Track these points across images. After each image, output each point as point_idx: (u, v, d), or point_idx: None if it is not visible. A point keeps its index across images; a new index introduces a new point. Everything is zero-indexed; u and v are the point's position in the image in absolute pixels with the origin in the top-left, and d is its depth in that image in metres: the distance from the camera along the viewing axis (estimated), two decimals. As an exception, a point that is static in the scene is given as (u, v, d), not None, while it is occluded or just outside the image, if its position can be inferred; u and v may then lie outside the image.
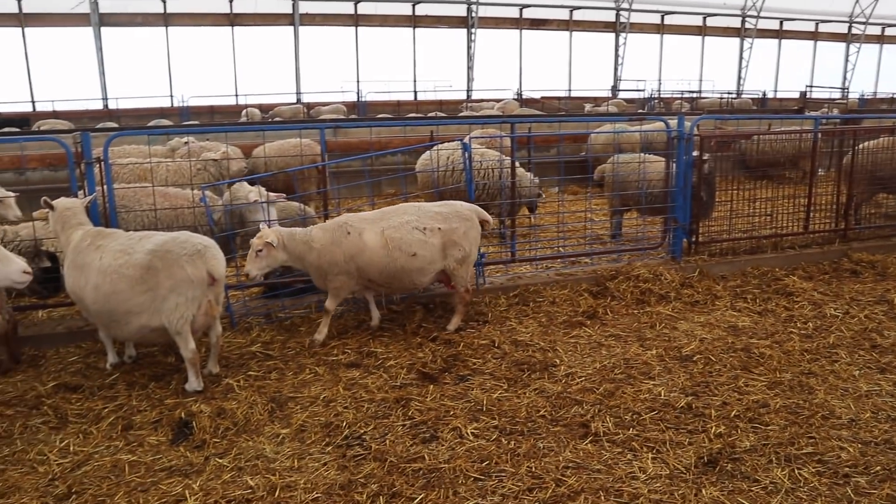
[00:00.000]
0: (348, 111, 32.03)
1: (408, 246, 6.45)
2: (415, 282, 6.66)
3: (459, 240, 6.65)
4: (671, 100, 35.43)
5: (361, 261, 6.40)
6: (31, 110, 31.55)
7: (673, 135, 8.58)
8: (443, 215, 6.70)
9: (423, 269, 6.57)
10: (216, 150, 10.71)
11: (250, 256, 6.30)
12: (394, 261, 6.43)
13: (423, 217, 6.62)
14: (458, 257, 6.67)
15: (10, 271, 4.59)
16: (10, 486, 4.39)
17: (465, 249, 6.69)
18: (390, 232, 6.48)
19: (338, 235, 6.42)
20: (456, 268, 6.70)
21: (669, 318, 7.15)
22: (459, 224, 6.69)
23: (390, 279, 6.53)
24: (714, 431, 4.82)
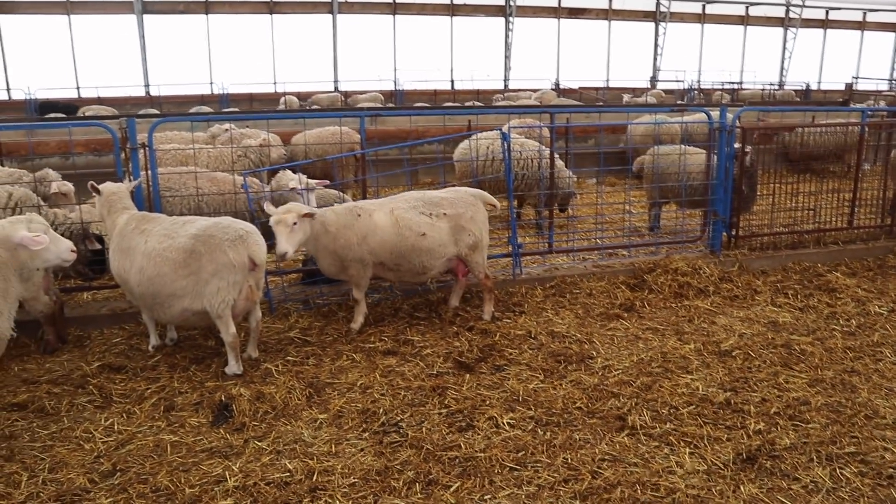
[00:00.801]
0: (385, 100, 32.06)
1: (417, 226, 6.52)
2: (424, 264, 6.64)
3: (467, 224, 6.70)
4: (711, 91, 34.81)
5: (374, 241, 6.44)
6: (76, 96, 32.15)
7: (715, 126, 8.45)
8: (448, 200, 6.76)
9: (432, 251, 6.59)
10: (256, 137, 10.85)
11: (283, 234, 6.02)
12: (404, 239, 6.48)
13: (429, 203, 6.70)
14: (470, 243, 6.71)
15: (61, 250, 4.73)
16: (58, 461, 4.52)
17: (474, 234, 6.74)
18: (400, 212, 6.55)
19: (349, 219, 6.46)
20: (469, 254, 6.75)
21: (708, 312, 7.06)
22: (465, 209, 6.74)
23: (401, 259, 6.55)
24: (753, 428, 4.76)
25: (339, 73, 38.43)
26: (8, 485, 4.26)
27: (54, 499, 4.12)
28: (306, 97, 31.50)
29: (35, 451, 4.65)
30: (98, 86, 32.01)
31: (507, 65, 40.52)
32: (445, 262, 6.78)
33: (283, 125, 14.21)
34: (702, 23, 43.35)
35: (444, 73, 39.73)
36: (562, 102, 24.84)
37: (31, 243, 4.43)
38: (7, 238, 4.46)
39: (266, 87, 36.12)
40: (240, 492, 4.13)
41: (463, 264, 6.89)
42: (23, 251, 4.48)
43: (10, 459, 4.56)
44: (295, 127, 14.17)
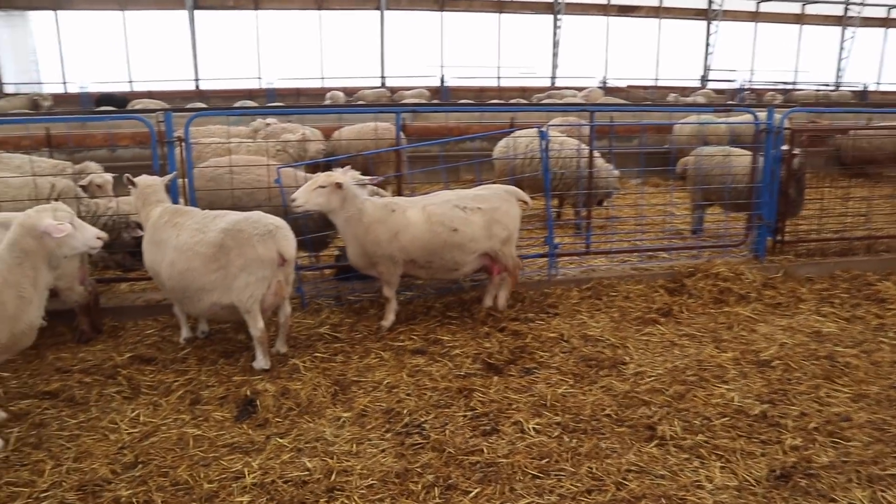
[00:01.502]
0: (431, 96, 32.03)
1: (449, 221, 6.44)
2: (456, 260, 6.56)
3: (501, 217, 6.64)
4: (763, 91, 33.91)
5: (405, 238, 6.36)
6: (128, 90, 32.90)
7: (761, 128, 8.17)
8: (482, 197, 6.72)
9: (464, 247, 6.51)
10: (296, 132, 10.89)
11: (307, 187, 6.22)
12: (436, 235, 6.40)
13: (463, 198, 6.66)
14: (503, 237, 6.65)
15: (87, 238, 4.76)
16: (83, 451, 4.56)
17: (508, 228, 6.68)
18: (432, 209, 6.47)
19: (384, 213, 6.39)
20: (501, 248, 6.69)
21: (748, 319, 6.82)
22: (499, 203, 6.69)
23: (432, 256, 6.47)
24: (789, 443, 4.55)
25: (385, 69, 38.54)
26: (33, 472, 4.31)
27: (76, 488, 4.14)
28: (353, 92, 31.65)
29: (62, 440, 4.70)
30: (149, 80, 32.69)
31: (554, 62, 40.11)
32: (477, 259, 6.68)
33: (326, 120, 14.28)
34: (755, 21, 42.24)
35: (490, 71, 39.53)
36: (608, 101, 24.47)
37: (54, 231, 4.46)
38: (33, 226, 4.50)
39: (313, 82, 36.41)
40: (257, 489, 4.11)
41: (495, 262, 6.76)
42: (49, 239, 4.53)
43: (38, 447, 4.62)
44: (338, 122, 14.23)
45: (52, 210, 4.67)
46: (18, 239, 4.57)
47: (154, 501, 4.01)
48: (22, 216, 4.69)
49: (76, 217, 4.77)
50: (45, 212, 4.64)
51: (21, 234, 4.58)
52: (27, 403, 5.21)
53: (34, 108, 23.97)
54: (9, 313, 4.49)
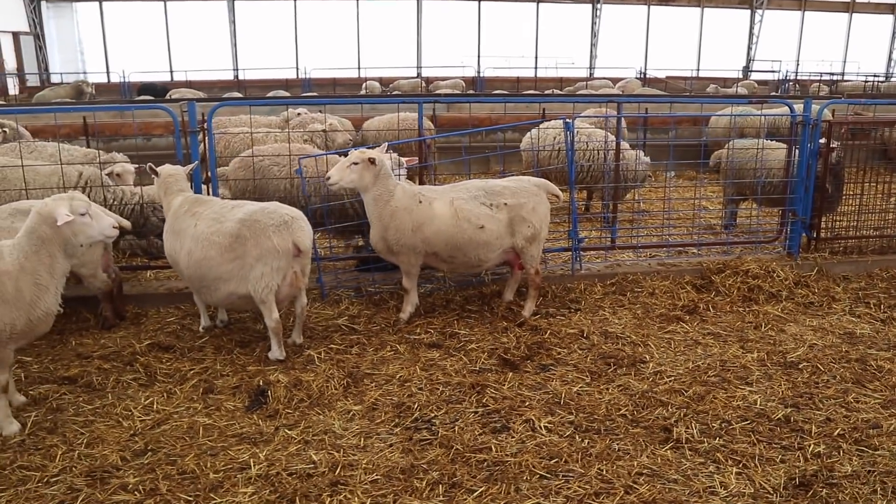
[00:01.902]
0: (466, 86, 31.86)
1: (476, 218, 6.27)
2: (480, 257, 6.41)
3: (528, 215, 6.41)
4: (808, 82, 32.93)
5: (430, 230, 6.23)
6: (169, 80, 33.40)
7: (798, 120, 7.89)
8: (510, 190, 6.48)
9: (489, 244, 6.35)
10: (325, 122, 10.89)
11: (341, 165, 6.17)
12: (462, 231, 6.24)
13: (491, 192, 6.43)
14: (528, 234, 6.43)
15: (103, 227, 4.79)
16: (95, 437, 4.60)
17: (534, 226, 6.46)
18: (460, 203, 6.30)
19: (411, 202, 6.27)
20: (525, 246, 6.48)
21: (777, 319, 6.60)
22: (527, 199, 6.45)
23: (455, 251, 6.33)
24: (812, 450, 4.38)
25: (422, 59, 38.47)
26: (45, 457, 4.36)
27: (85, 474, 4.18)
28: (389, 82, 31.66)
29: (76, 426, 4.75)
30: (190, 69, 33.12)
31: (592, 53, 39.58)
32: (501, 254, 6.55)
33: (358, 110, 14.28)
34: (802, 10, 41.05)
35: (528, 61, 39.18)
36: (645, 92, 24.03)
37: (62, 218, 4.50)
38: (49, 214, 4.54)
39: (350, 72, 36.49)
40: (261, 480, 4.09)
41: (519, 257, 6.64)
42: (66, 228, 4.56)
43: (53, 432, 4.68)
44: (370, 112, 14.22)
45: (68, 199, 4.70)
46: (35, 227, 4.62)
47: (159, 489, 4.02)
48: (39, 204, 4.73)
49: (93, 206, 4.79)
50: (61, 201, 4.67)
51: (38, 222, 4.62)
52: (46, 388, 5.28)
53: (78, 96, 24.46)
54: (26, 300, 4.53)
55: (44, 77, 33.76)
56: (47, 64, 34.71)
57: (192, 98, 21.16)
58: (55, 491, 4.03)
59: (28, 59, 33.79)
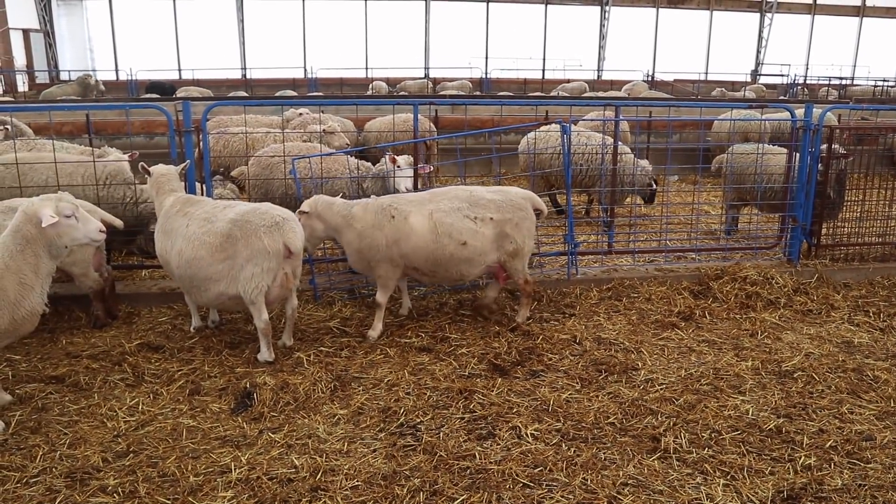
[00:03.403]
0: (473, 87, 31.81)
1: (458, 233, 6.00)
2: (462, 273, 6.20)
3: (512, 231, 6.16)
4: (817, 86, 32.72)
5: (406, 247, 6.01)
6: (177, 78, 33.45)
7: (798, 125, 7.80)
8: (496, 204, 6.17)
9: (472, 260, 6.12)
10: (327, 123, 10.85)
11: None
12: (442, 248, 5.99)
13: (475, 204, 6.12)
14: (510, 250, 6.20)
15: (89, 230, 4.76)
16: (78, 437, 4.57)
17: (517, 242, 6.20)
18: (440, 216, 6.02)
19: (381, 218, 6.03)
20: (508, 260, 6.25)
21: (774, 326, 6.52)
22: (513, 214, 6.18)
23: (436, 267, 6.10)
24: (802, 462, 4.30)
25: (430, 59, 38.44)
26: (25, 457, 4.34)
27: (65, 475, 4.15)
28: (396, 83, 31.65)
29: (60, 426, 4.72)
30: (198, 67, 33.18)
31: (600, 55, 39.46)
32: (485, 269, 6.31)
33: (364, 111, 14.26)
34: (812, 13, 40.81)
35: (535, 63, 39.10)
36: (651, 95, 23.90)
37: (46, 220, 4.48)
38: (35, 214, 4.52)
39: (357, 72, 36.52)
40: (241, 484, 4.05)
41: (504, 270, 6.41)
42: (50, 229, 4.54)
43: (36, 431, 4.65)
44: (373, 113, 14.18)
45: (55, 200, 4.67)
46: (20, 226, 4.60)
47: (138, 492, 3.98)
48: (26, 203, 4.71)
49: (81, 209, 4.76)
50: (48, 201, 4.65)
51: (23, 222, 4.60)
52: (33, 387, 5.25)
53: (85, 92, 24.51)
54: (10, 299, 4.51)
55: (53, 74, 33.90)
56: (57, 61, 34.85)
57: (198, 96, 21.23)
58: (33, 492, 3.99)
59: (38, 56, 33.93)
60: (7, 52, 30.80)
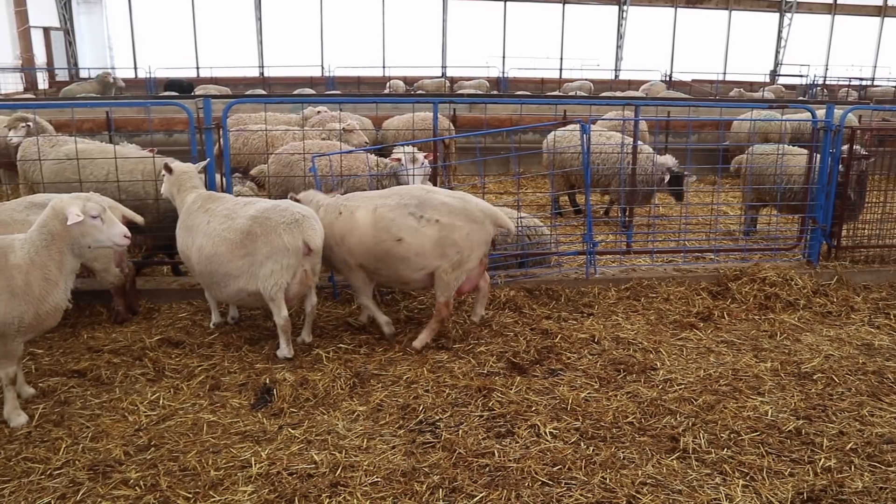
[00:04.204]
0: (491, 87, 31.77)
1: (397, 229, 5.71)
2: (401, 274, 5.85)
3: (460, 240, 5.71)
4: (837, 87, 32.40)
5: (352, 241, 5.87)
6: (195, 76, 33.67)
7: (819, 126, 7.74)
8: (448, 208, 5.75)
9: (408, 260, 5.75)
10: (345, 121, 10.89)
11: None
12: (380, 242, 5.76)
13: (425, 204, 5.77)
14: (454, 259, 5.73)
15: (113, 234, 4.78)
16: (101, 431, 4.63)
17: (462, 253, 5.74)
18: (383, 211, 5.78)
19: (331, 216, 5.96)
20: (446, 271, 5.75)
21: (794, 328, 6.48)
22: (464, 223, 5.72)
23: (378, 264, 5.86)
24: (822, 464, 4.28)
25: (447, 59, 38.45)
26: (49, 449, 4.39)
27: (88, 468, 4.20)
28: (413, 82, 31.68)
29: (83, 419, 4.78)
30: (216, 66, 33.39)
31: (618, 55, 39.28)
32: (426, 276, 5.86)
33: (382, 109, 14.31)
34: (832, 13, 40.41)
35: (553, 62, 39.00)
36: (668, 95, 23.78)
37: (72, 218, 4.53)
38: (62, 211, 4.57)
39: (375, 70, 36.57)
40: (262, 479, 4.08)
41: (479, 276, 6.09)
42: (75, 227, 4.59)
43: (59, 424, 4.71)
44: (391, 111, 14.23)
45: (84, 200, 4.72)
46: (47, 221, 4.65)
47: (160, 485, 4.03)
48: (55, 200, 4.77)
49: (108, 211, 4.81)
50: (77, 200, 4.70)
51: (50, 217, 4.65)
52: (55, 381, 5.32)
53: (104, 89, 24.73)
54: (34, 294, 4.57)
55: (73, 72, 34.22)
56: (76, 59, 35.19)
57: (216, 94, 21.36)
58: (57, 484, 4.05)
59: (58, 55, 34.27)
60: (28, 50, 31.12)
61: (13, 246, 4.60)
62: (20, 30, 30.55)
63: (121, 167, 7.17)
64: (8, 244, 4.61)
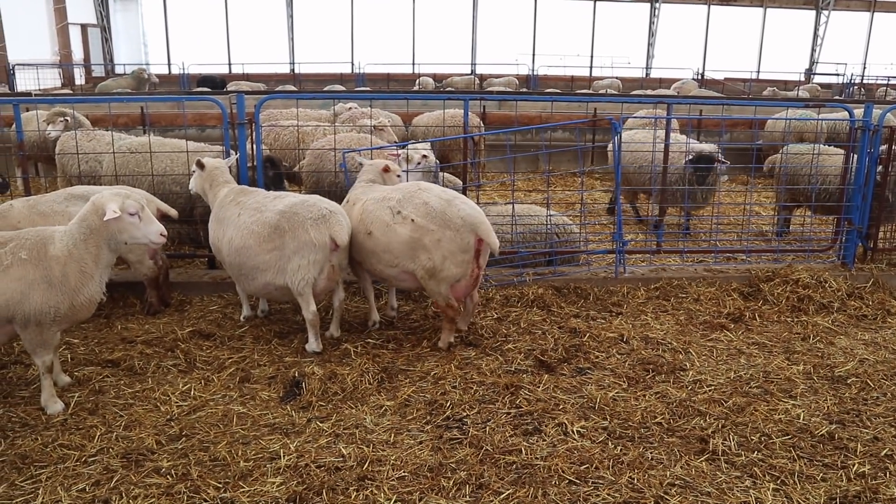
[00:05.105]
0: (520, 84, 31.68)
1: (369, 222, 5.74)
2: (374, 267, 5.86)
3: (430, 244, 5.52)
4: (875, 86, 31.75)
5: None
6: (227, 72, 34.04)
7: (857, 125, 7.60)
8: (427, 208, 5.57)
9: (377, 255, 5.74)
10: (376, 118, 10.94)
11: None
12: (356, 234, 5.82)
13: (408, 200, 5.67)
14: (426, 266, 5.57)
15: (149, 231, 4.84)
16: (133, 420, 4.71)
17: (433, 260, 5.55)
18: (368, 203, 5.84)
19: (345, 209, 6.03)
20: (424, 277, 5.63)
21: (827, 331, 6.37)
22: (438, 228, 5.51)
23: (358, 256, 5.94)
24: (856, 470, 4.20)
25: (476, 56, 38.42)
26: (84, 437, 4.48)
27: (121, 455, 4.27)
28: (442, 79, 31.70)
29: (116, 408, 4.86)
30: (247, 62, 33.73)
31: (649, 52, 38.92)
32: (399, 273, 5.78)
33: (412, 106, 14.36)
34: (871, 11, 39.58)
35: (583, 60, 38.75)
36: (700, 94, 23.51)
37: (109, 214, 4.60)
38: (101, 206, 4.66)
39: (404, 67, 36.67)
40: (290, 471, 4.12)
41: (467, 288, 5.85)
42: (112, 223, 4.66)
43: (94, 413, 4.80)
44: (421, 108, 14.27)
45: (123, 196, 4.80)
46: (87, 215, 4.75)
47: (191, 475, 4.08)
48: (96, 195, 4.86)
49: (146, 209, 4.88)
50: (116, 196, 4.78)
51: (90, 212, 4.74)
52: (90, 370, 5.42)
53: (139, 85, 25.11)
54: (71, 285, 4.66)
55: (108, 67, 34.82)
56: (112, 55, 35.81)
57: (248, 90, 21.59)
58: (92, 470, 4.13)
59: (95, 51, 34.93)
60: (66, 46, 31.73)
61: (53, 238, 4.70)
62: (59, 26, 31.15)
63: (178, 160, 7.42)
64: (48, 236, 4.72)
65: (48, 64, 29.72)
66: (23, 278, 4.54)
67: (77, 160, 8.21)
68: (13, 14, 27.56)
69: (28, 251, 4.60)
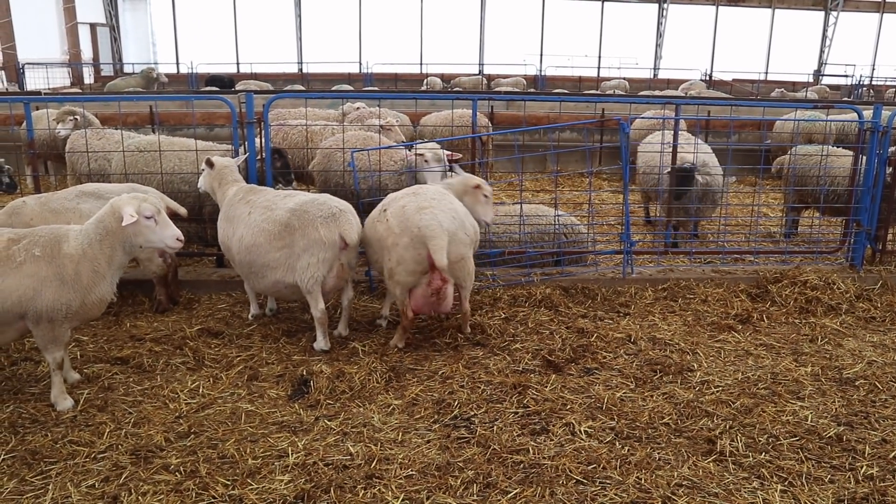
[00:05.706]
0: (528, 85, 31.67)
1: (367, 220, 6.04)
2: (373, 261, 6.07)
3: (390, 246, 5.59)
4: (884, 87, 31.59)
5: None
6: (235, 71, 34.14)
7: (866, 127, 7.57)
8: (402, 211, 5.61)
9: (370, 249, 6.01)
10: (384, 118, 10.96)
11: None
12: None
13: (394, 201, 5.85)
14: (387, 266, 5.66)
15: (165, 236, 4.86)
16: (143, 417, 4.74)
17: (391, 261, 5.60)
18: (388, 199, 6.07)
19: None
20: (386, 277, 5.80)
21: (835, 332, 6.36)
22: (399, 232, 5.52)
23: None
24: (864, 472, 4.19)
25: (484, 56, 38.43)
26: (94, 434, 4.51)
27: (130, 452, 4.29)
28: (450, 79, 31.72)
29: (125, 405, 4.89)
30: (255, 62, 33.82)
31: (657, 53, 38.85)
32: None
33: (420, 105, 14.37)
34: (881, 12, 39.38)
35: (591, 60, 38.71)
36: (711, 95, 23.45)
37: (126, 218, 4.63)
38: (118, 209, 4.68)
39: (412, 67, 36.71)
40: (298, 469, 4.14)
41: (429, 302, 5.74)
42: (129, 227, 4.69)
43: (103, 410, 4.83)
44: (429, 108, 14.29)
45: (140, 200, 4.83)
46: (104, 217, 4.78)
47: (199, 472, 4.10)
48: (115, 198, 4.89)
49: (162, 213, 4.91)
50: (133, 200, 4.80)
51: (107, 214, 4.78)
52: (99, 367, 5.45)
53: (148, 84, 25.22)
54: (83, 284, 4.69)
55: (117, 67, 34.98)
56: (121, 54, 35.97)
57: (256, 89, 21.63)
58: (101, 467, 4.15)
59: (103, 50, 35.09)
60: (75, 45, 31.88)
61: (68, 236, 4.74)
62: (68, 26, 31.30)
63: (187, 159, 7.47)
64: (63, 234, 4.75)
65: (58, 63, 29.87)
66: (35, 275, 4.57)
67: (87, 158, 8.25)
68: (23, 13, 27.72)
69: (42, 248, 4.64)
